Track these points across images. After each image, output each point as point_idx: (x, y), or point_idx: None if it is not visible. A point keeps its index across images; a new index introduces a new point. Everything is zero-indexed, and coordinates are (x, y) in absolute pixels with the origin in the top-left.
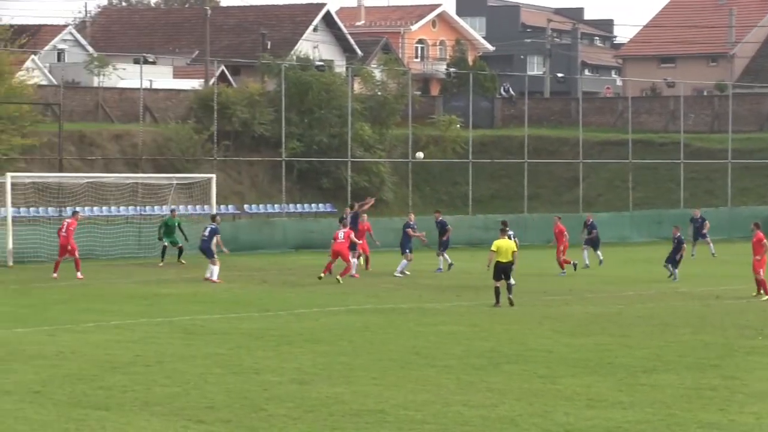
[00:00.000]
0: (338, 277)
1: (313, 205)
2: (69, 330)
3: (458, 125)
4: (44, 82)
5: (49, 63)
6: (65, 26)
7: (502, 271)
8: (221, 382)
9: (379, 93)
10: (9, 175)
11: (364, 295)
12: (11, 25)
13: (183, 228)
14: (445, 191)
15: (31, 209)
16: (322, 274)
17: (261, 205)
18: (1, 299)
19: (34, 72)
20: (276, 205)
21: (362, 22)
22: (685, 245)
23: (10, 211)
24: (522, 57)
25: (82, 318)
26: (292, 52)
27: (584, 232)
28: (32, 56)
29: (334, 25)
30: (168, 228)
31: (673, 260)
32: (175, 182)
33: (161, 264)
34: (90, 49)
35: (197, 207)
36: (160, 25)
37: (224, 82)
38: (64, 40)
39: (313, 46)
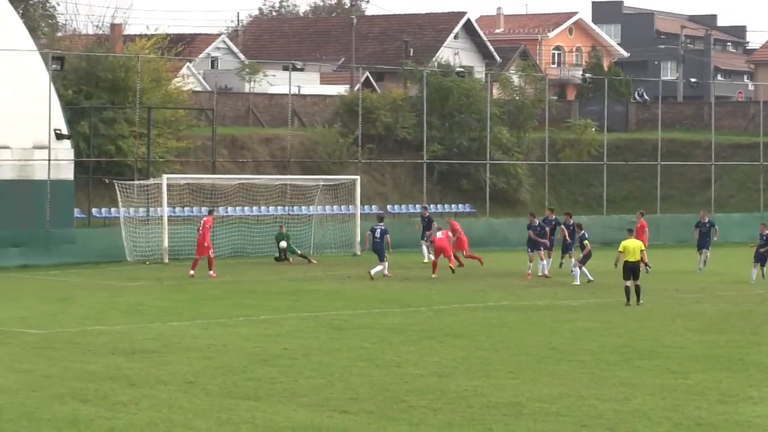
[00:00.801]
0: (450, 266)
1: (453, 205)
2: (221, 324)
3: (593, 129)
4: (198, 89)
5: (203, 70)
6: (218, 35)
7: (631, 270)
8: (364, 375)
9: (517, 98)
10: (165, 176)
11: (502, 292)
12: (168, 35)
13: (290, 240)
14: (581, 192)
15: (186, 209)
16: (434, 275)
17: (403, 206)
18: (158, 294)
19: (189, 79)
20: (417, 206)
21: (501, 29)
22: None
23: (166, 210)
24: (656, 63)
25: (234, 312)
26: (434, 59)
27: (696, 232)
28: (187, 64)
29: (474, 32)
30: (279, 240)
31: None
32: (321, 183)
33: (314, 261)
34: (242, 56)
35: (342, 207)
36: (308, 34)
37: (368, 88)
38: (218, 48)
39: (453, 53)
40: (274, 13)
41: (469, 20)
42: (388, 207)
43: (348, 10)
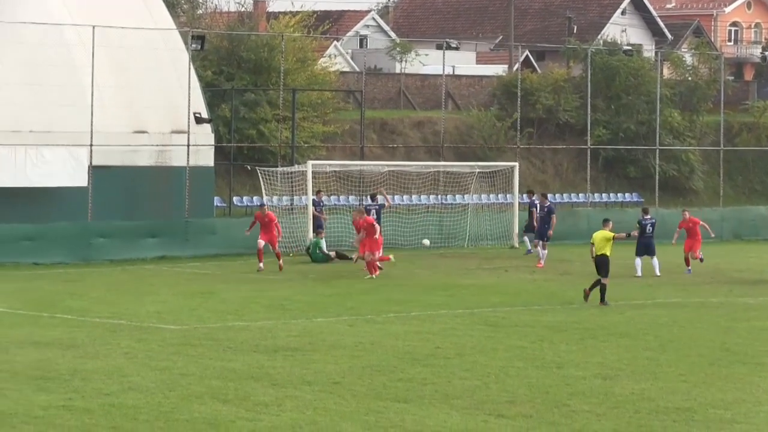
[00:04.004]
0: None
1: (619, 194)
2: (369, 321)
3: None
4: (346, 69)
5: (351, 49)
6: (368, 12)
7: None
8: (522, 376)
9: (690, 78)
10: (310, 162)
11: (672, 288)
12: (314, 12)
13: (322, 248)
14: (759, 180)
15: (332, 197)
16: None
17: (565, 195)
18: (302, 289)
19: (336, 58)
20: (580, 194)
21: (672, 4)
22: None
23: (311, 199)
24: None
25: (383, 308)
26: (599, 37)
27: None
28: (335, 43)
29: (643, 8)
30: (315, 246)
31: None
32: (477, 170)
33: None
34: (392, 34)
35: (499, 196)
36: (463, 10)
37: (528, 68)
38: (367, 26)
39: (620, 29)
40: None
41: None
42: (549, 196)
43: None
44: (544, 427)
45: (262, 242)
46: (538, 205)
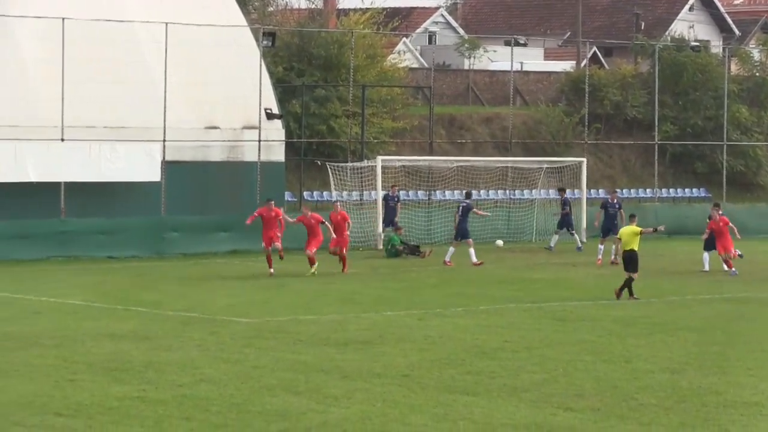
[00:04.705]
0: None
1: (686, 189)
2: (437, 314)
3: None
4: (415, 65)
5: (420, 46)
6: (437, 8)
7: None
8: (590, 370)
9: (757, 74)
10: (380, 158)
11: (741, 283)
12: (384, 8)
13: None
14: None
15: (401, 192)
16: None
17: (632, 190)
18: (372, 282)
19: (405, 55)
20: (648, 190)
21: (740, 0)
22: None
23: (380, 194)
24: None
25: (451, 302)
26: (667, 33)
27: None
28: (404, 39)
29: (711, 4)
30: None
31: None
32: (545, 166)
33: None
34: (461, 31)
35: (567, 191)
36: (531, 7)
37: (596, 64)
38: (436, 23)
39: (688, 26)
40: None
41: None
42: (617, 191)
43: None
44: (611, 421)
45: (268, 248)
46: (610, 202)
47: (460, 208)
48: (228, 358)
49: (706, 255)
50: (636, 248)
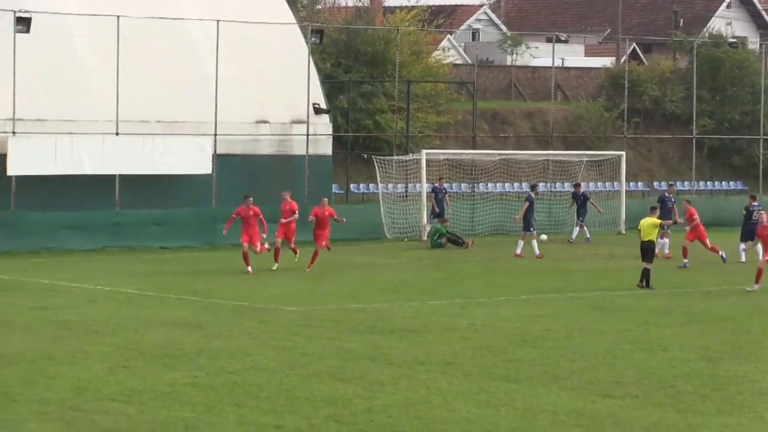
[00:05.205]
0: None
1: (723, 182)
2: (480, 303)
3: None
4: (459, 61)
5: (464, 42)
6: (480, 6)
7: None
8: (629, 358)
9: None
10: (424, 152)
11: None
12: (429, 6)
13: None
14: None
15: (445, 185)
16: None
17: (671, 183)
18: (416, 272)
19: (449, 51)
20: (686, 183)
21: None
22: None
23: (425, 186)
24: None
25: (493, 292)
26: (705, 29)
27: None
28: (448, 36)
29: (749, 1)
30: (436, 232)
31: None
32: (585, 159)
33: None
34: (504, 28)
35: (606, 184)
36: (572, 4)
37: (635, 60)
38: (479, 20)
39: (726, 22)
40: None
41: None
42: (655, 184)
43: None
44: (649, 408)
45: (246, 245)
46: (667, 195)
47: (527, 200)
48: (277, 346)
49: (742, 246)
50: (654, 239)
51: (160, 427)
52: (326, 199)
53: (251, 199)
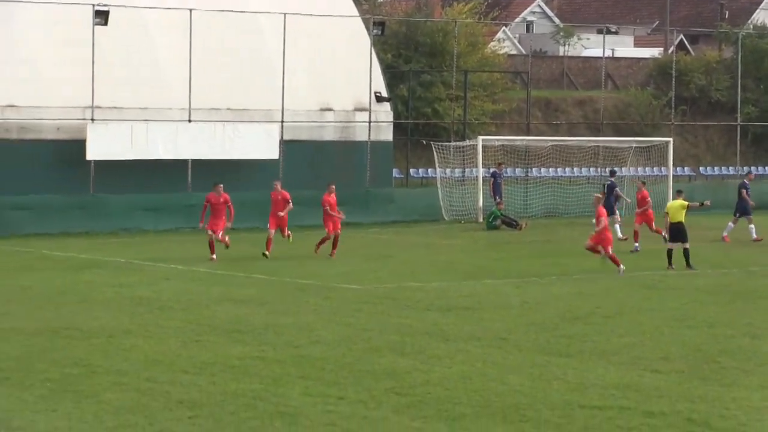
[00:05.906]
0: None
1: (767, 167)
2: (533, 282)
3: None
4: (514, 52)
5: (518, 34)
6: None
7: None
8: (676, 335)
9: None
10: (480, 138)
11: None
12: (485, 0)
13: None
14: None
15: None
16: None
17: (716, 168)
18: (472, 253)
19: (504, 42)
20: (730, 168)
21: None
22: None
23: (480, 171)
24: None
25: (546, 271)
26: (749, 21)
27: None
28: (503, 28)
29: None
30: (492, 215)
31: None
32: (633, 145)
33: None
34: (556, 20)
35: (654, 169)
36: None
37: (682, 50)
38: (533, 13)
39: None
40: None
41: None
42: (701, 169)
43: None
44: (695, 382)
45: (211, 233)
46: (747, 182)
47: (606, 186)
48: (340, 322)
49: None
50: (683, 220)
51: (230, 397)
52: (279, 183)
53: (221, 186)
